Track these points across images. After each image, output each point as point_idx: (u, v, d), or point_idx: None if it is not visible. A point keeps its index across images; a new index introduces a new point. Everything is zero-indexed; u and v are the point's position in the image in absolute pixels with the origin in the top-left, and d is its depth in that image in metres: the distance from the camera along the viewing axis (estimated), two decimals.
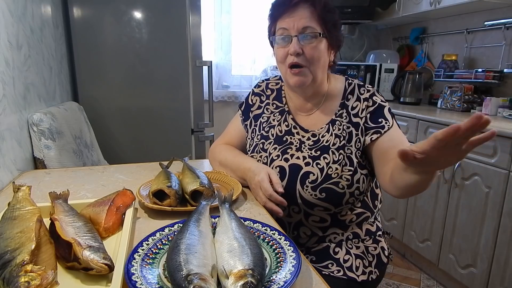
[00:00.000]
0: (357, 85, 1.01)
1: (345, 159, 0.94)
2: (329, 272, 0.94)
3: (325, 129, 1.00)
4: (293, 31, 0.92)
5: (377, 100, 0.97)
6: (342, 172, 0.93)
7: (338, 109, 1.00)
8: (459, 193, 1.83)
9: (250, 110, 1.13)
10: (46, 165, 1.28)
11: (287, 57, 0.94)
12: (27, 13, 1.35)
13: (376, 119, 0.96)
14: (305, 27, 0.92)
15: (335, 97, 1.02)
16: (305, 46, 0.92)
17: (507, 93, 2.15)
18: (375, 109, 0.97)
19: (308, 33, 0.92)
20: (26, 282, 0.48)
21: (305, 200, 0.95)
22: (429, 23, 2.74)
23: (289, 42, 0.93)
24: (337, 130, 0.98)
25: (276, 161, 1.00)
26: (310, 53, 0.93)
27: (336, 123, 0.99)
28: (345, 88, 1.02)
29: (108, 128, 1.92)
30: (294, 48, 0.92)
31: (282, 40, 0.95)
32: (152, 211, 0.83)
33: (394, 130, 0.95)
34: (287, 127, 1.04)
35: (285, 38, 0.94)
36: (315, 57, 0.93)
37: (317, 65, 0.95)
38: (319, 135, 1.00)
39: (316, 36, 0.92)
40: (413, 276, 2.11)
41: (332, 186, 0.93)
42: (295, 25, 0.92)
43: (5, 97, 1.13)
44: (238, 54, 2.94)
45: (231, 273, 0.52)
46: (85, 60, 1.83)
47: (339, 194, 0.93)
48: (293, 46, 0.92)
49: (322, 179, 0.93)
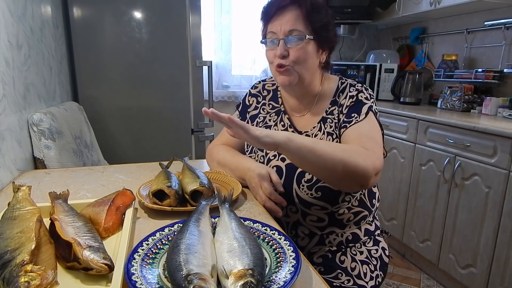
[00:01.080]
0: (349, 84, 1.02)
1: None
2: (340, 284, 0.94)
3: (317, 128, 1.01)
4: (280, 34, 0.94)
5: (361, 97, 0.97)
6: None
7: (329, 107, 1.01)
8: (459, 193, 1.83)
9: (247, 111, 1.14)
10: (46, 165, 1.28)
11: (275, 59, 0.96)
12: (27, 13, 1.35)
13: (350, 114, 0.95)
14: (291, 30, 0.93)
15: (327, 97, 1.03)
16: (291, 48, 0.94)
17: (507, 93, 2.15)
18: (354, 105, 0.96)
19: (294, 35, 0.93)
20: (26, 282, 0.48)
21: (301, 199, 0.96)
22: (429, 23, 2.74)
23: (277, 44, 0.95)
24: (328, 127, 0.99)
25: (273, 161, 1.01)
26: (295, 54, 0.94)
27: (328, 120, 1.00)
28: (337, 87, 1.03)
29: (108, 128, 1.92)
30: (280, 51, 0.94)
31: (271, 43, 0.97)
32: (152, 211, 0.83)
33: (362, 124, 0.92)
34: (283, 127, 1.05)
35: (274, 41, 0.96)
36: (301, 59, 0.94)
37: (303, 65, 0.96)
38: (312, 135, 1.01)
39: (301, 38, 0.93)
40: (413, 276, 2.11)
41: (326, 185, 0.93)
42: (282, 28, 0.93)
43: (5, 97, 1.13)
44: (238, 54, 2.94)
45: (231, 273, 0.52)
46: (85, 60, 1.83)
47: (334, 193, 0.94)
48: (279, 48, 0.94)
49: (317, 178, 0.94)
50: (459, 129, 1.80)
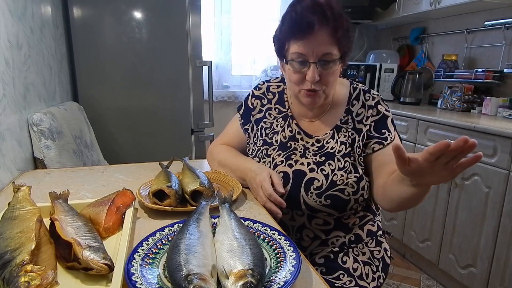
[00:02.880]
0: (362, 90, 1.00)
1: (350, 166, 0.94)
2: (341, 284, 0.94)
3: (329, 135, 0.98)
4: (311, 57, 0.87)
5: (382, 110, 0.97)
6: (347, 179, 0.92)
7: (343, 115, 0.99)
8: (459, 193, 1.83)
9: (250, 114, 1.11)
10: (46, 165, 1.28)
11: (304, 82, 0.91)
12: (27, 13, 1.35)
13: (380, 129, 0.95)
14: (324, 53, 0.86)
15: (340, 103, 1.01)
16: (322, 71, 0.89)
17: (507, 93, 2.15)
18: (380, 119, 0.96)
19: (327, 59, 0.87)
20: (26, 282, 0.48)
21: (309, 205, 0.94)
22: (429, 23, 2.74)
23: (305, 66, 0.89)
24: (342, 137, 0.97)
25: (279, 166, 0.99)
26: (328, 78, 0.90)
27: (342, 130, 0.98)
28: (350, 93, 1.01)
29: (108, 128, 1.92)
30: (313, 76, 0.87)
31: (299, 65, 0.89)
32: (152, 211, 0.83)
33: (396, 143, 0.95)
34: (291, 132, 1.03)
35: (303, 63, 0.89)
36: (332, 81, 0.92)
37: (332, 86, 0.94)
38: (323, 141, 0.99)
39: (335, 62, 0.89)
40: (413, 276, 2.11)
41: (337, 193, 0.92)
42: (314, 51, 0.86)
43: (5, 97, 1.13)
44: (238, 54, 2.95)
45: (231, 273, 0.52)
46: (85, 60, 1.83)
47: (344, 201, 0.93)
48: (312, 73, 0.87)
49: (327, 185, 0.92)
50: (459, 129, 1.80)
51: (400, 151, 0.61)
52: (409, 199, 0.78)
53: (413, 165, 0.62)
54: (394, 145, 0.61)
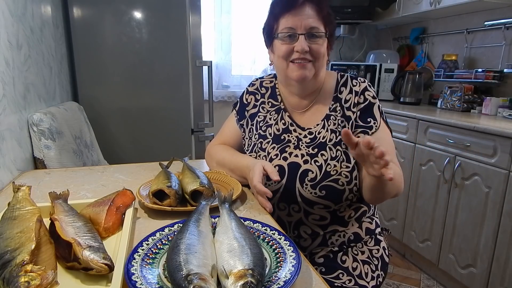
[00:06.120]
0: (350, 77, 1.04)
1: (342, 155, 0.95)
2: (341, 284, 0.94)
3: (320, 126, 1.01)
4: (300, 29, 0.93)
5: (369, 97, 0.99)
6: (340, 169, 0.94)
7: (332, 103, 1.02)
8: (459, 193, 1.83)
9: (245, 109, 1.13)
10: (46, 165, 1.28)
11: (292, 54, 0.95)
12: (27, 13, 1.35)
13: (365, 118, 0.98)
14: (312, 27, 0.93)
15: (328, 92, 1.04)
16: (311, 44, 0.94)
17: (507, 93, 2.15)
18: (366, 107, 0.99)
19: (315, 32, 0.94)
20: (26, 282, 0.48)
21: (305, 198, 0.95)
22: (429, 23, 2.74)
23: (294, 40, 0.94)
24: (332, 125, 0.99)
25: (275, 160, 1.00)
26: (317, 49, 0.95)
27: (331, 117, 1.00)
28: (337, 81, 1.04)
29: (108, 128, 1.92)
30: (302, 46, 0.93)
31: (288, 38, 0.95)
32: (152, 211, 0.83)
33: (381, 131, 0.98)
34: (284, 125, 1.05)
35: (292, 36, 0.95)
36: (321, 54, 0.96)
37: (321, 62, 0.98)
38: (315, 132, 1.01)
39: (321, 36, 0.95)
40: (413, 276, 2.11)
41: (331, 184, 0.93)
42: (302, 24, 0.93)
43: (5, 97, 1.13)
44: (238, 54, 2.95)
45: (231, 273, 0.52)
46: (85, 60, 1.83)
47: (339, 191, 0.94)
48: (301, 44, 0.93)
49: (321, 176, 0.94)
50: (459, 129, 1.80)
51: (348, 136, 0.69)
52: (373, 190, 0.87)
53: (358, 150, 0.71)
54: (343, 130, 0.68)
